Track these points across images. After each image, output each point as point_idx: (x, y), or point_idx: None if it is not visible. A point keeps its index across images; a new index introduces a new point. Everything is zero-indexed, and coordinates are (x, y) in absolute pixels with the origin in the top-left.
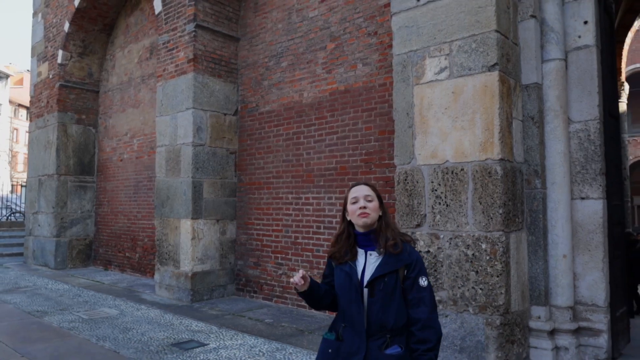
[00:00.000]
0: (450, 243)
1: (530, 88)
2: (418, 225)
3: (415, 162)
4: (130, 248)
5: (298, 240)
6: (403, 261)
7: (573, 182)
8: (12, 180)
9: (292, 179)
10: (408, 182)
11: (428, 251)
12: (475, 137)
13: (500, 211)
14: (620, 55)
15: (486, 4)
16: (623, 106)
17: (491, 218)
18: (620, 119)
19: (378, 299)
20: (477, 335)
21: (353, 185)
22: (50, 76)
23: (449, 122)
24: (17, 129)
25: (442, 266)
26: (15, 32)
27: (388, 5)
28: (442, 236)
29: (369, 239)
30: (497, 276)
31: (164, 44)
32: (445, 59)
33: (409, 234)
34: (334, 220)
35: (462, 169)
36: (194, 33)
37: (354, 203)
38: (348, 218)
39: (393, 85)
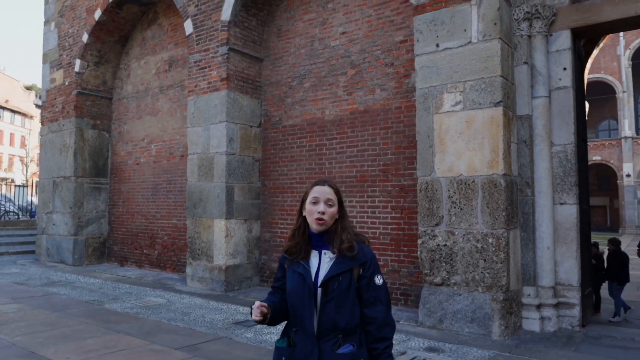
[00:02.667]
0: (463, 238)
1: (523, 118)
2: (437, 224)
3: (435, 174)
4: (149, 245)
5: None
6: (358, 260)
7: (555, 191)
8: None
9: None
10: (429, 190)
11: (445, 244)
12: (484, 157)
13: (503, 214)
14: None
15: (493, 54)
16: None
17: (496, 219)
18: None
19: (332, 299)
20: (484, 309)
21: (316, 183)
22: (67, 83)
23: (462, 144)
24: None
25: (456, 256)
26: None
27: (404, 41)
28: (457, 233)
29: (322, 238)
30: (501, 263)
31: (195, 62)
32: (460, 94)
33: (429, 232)
34: (355, 220)
35: (473, 181)
36: (227, 55)
37: (313, 203)
38: (304, 214)
39: (416, 112)
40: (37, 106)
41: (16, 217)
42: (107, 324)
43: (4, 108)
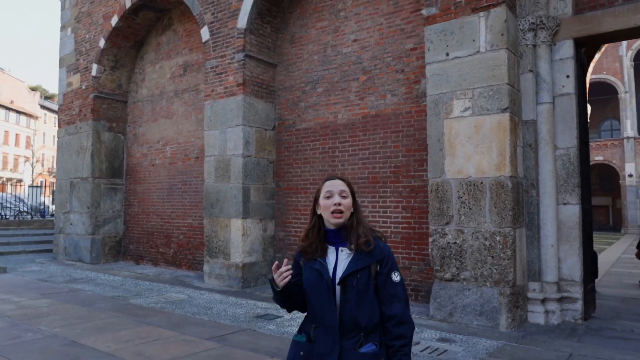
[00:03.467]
0: (472, 236)
1: (528, 123)
2: (447, 223)
3: (445, 176)
4: (164, 244)
5: None
6: (375, 257)
7: (558, 192)
8: None
9: None
10: (439, 191)
11: (455, 242)
12: (492, 160)
13: (510, 213)
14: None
15: (500, 63)
16: None
17: (503, 218)
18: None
19: (351, 296)
20: (492, 302)
21: (327, 179)
22: (83, 87)
23: (471, 148)
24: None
25: (466, 253)
26: None
27: (414, 49)
28: (466, 231)
29: (339, 235)
30: (508, 259)
31: (212, 68)
32: (469, 101)
33: (439, 230)
34: (366, 218)
35: (481, 182)
36: (243, 61)
37: (327, 198)
38: (318, 212)
39: (426, 117)
40: (42, 107)
41: (29, 217)
42: (136, 317)
43: (9, 109)
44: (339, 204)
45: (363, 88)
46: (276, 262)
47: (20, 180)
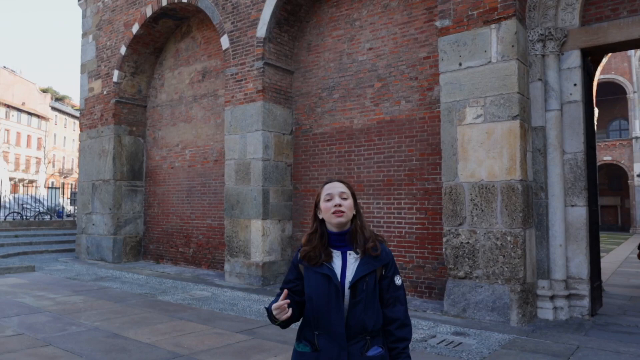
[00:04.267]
0: (484, 236)
1: (537, 129)
2: (460, 224)
3: (458, 180)
4: (184, 244)
5: None
6: (382, 261)
7: (566, 195)
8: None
9: None
10: (452, 194)
11: (468, 242)
12: (503, 164)
13: (520, 215)
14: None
15: (511, 73)
16: None
17: (514, 219)
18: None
19: (360, 300)
20: (504, 299)
21: (327, 182)
22: (105, 92)
23: (483, 153)
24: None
25: (478, 252)
26: None
27: (428, 57)
28: (478, 232)
29: (343, 238)
30: (518, 258)
31: (232, 75)
32: (481, 108)
33: (453, 230)
34: (382, 220)
35: (493, 186)
36: (262, 69)
37: (327, 200)
38: (320, 216)
39: (440, 123)
40: (53, 108)
41: (49, 217)
42: (167, 312)
43: (21, 110)
44: (340, 205)
45: (378, 95)
46: (277, 304)
47: (32, 181)
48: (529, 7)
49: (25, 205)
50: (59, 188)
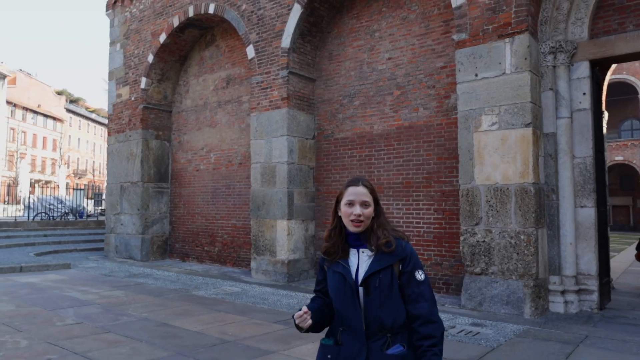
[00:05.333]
0: (499, 235)
1: (549, 135)
2: (476, 224)
3: (475, 182)
4: (209, 243)
5: None
6: (397, 256)
7: (576, 196)
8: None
9: None
10: (469, 196)
11: (484, 241)
12: (517, 168)
13: (533, 215)
14: None
15: (524, 84)
16: None
17: (527, 219)
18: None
19: (374, 297)
20: (517, 293)
21: (350, 184)
22: (133, 98)
23: (498, 158)
24: (13, 129)
25: (493, 250)
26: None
27: (444, 67)
28: (493, 231)
29: (359, 237)
30: (531, 256)
31: (257, 83)
32: (496, 116)
33: (470, 230)
34: (401, 220)
35: (507, 188)
36: (287, 77)
37: (349, 205)
38: (340, 214)
39: (457, 129)
40: (68, 110)
41: (74, 218)
42: (204, 305)
43: (37, 113)
44: (360, 215)
45: (397, 102)
46: (299, 312)
47: (48, 182)
48: (540, 21)
49: (49, 206)
50: (83, 189)
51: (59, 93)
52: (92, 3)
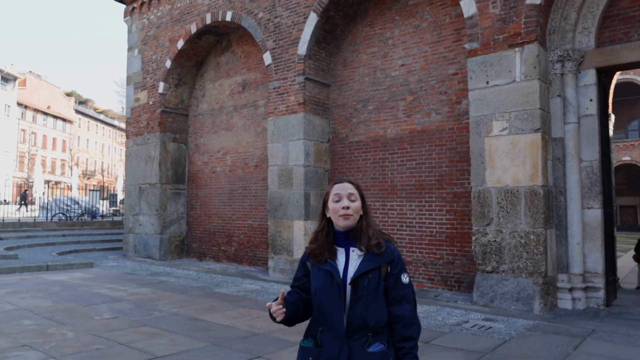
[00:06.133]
0: (509, 235)
1: (557, 140)
2: (488, 225)
3: (486, 185)
4: (226, 243)
5: None
6: (386, 258)
7: (583, 198)
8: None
9: (379, 191)
10: (481, 198)
11: (495, 240)
12: (526, 172)
13: (542, 216)
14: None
15: (533, 91)
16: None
17: (536, 220)
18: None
19: (362, 297)
20: (527, 290)
21: (336, 182)
22: (151, 103)
23: (508, 161)
24: (24, 130)
25: (504, 249)
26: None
27: (456, 74)
28: (504, 231)
29: (348, 236)
30: (540, 255)
31: (274, 88)
32: (506, 122)
33: (481, 230)
34: (414, 220)
35: (517, 190)
36: (303, 83)
37: (336, 201)
38: (328, 215)
39: (468, 134)
40: (77, 111)
41: (90, 218)
42: (228, 302)
43: (47, 114)
44: (347, 207)
45: (410, 107)
46: (273, 303)
47: (57, 182)
48: (549, 30)
49: (64, 207)
50: (99, 190)
51: (69, 94)
52: (100, 3)
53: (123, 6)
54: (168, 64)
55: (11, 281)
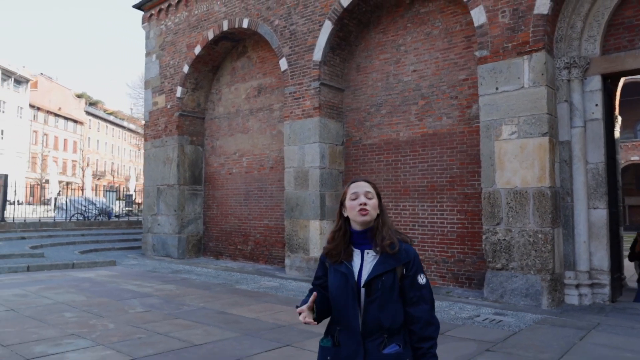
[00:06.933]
0: (518, 234)
1: (564, 143)
2: (497, 224)
3: (496, 186)
4: (242, 242)
5: None
6: (401, 260)
7: (589, 199)
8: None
9: (392, 192)
10: (491, 198)
11: (504, 239)
12: (534, 174)
13: (550, 216)
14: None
15: (541, 97)
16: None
17: (544, 220)
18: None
19: (375, 299)
20: (536, 287)
21: (353, 181)
22: (169, 106)
23: (517, 164)
24: (36, 132)
25: (513, 247)
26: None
27: (466, 79)
28: (513, 230)
29: (365, 237)
30: (548, 252)
31: (290, 93)
32: (515, 126)
33: (491, 229)
34: (426, 220)
35: (526, 191)
36: (318, 89)
37: (353, 199)
38: (345, 214)
39: (479, 137)
40: (87, 113)
41: (106, 218)
42: (251, 297)
43: (58, 115)
44: (365, 204)
45: (422, 111)
46: (302, 306)
47: (69, 183)
48: (556, 39)
49: (81, 207)
50: (115, 191)
51: (79, 96)
52: (110, 4)
53: (135, 10)
54: (186, 69)
55: (42, 278)
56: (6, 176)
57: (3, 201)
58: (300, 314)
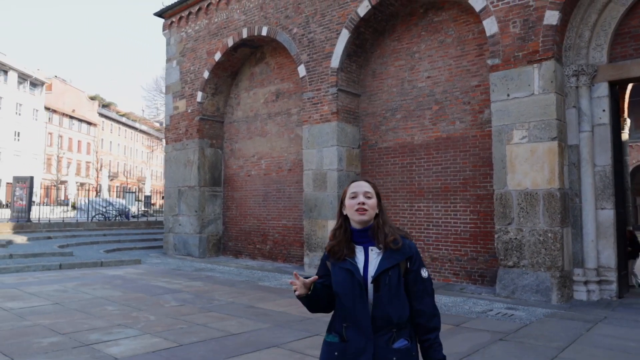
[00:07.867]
0: (529, 233)
1: (572, 147)
2: (509, 224)
3: (507, 188)
4: (261, 241)
5: (412, 234)
6: (405, 254)
7: (597, 200)
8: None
9: (407, 193)
10: (502, 199)
11: (515, 238)
12: (544, 176)
13: (559, 216)
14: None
15: (550, 103)
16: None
17: (554, 220)
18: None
19: (384, 294)
20: (546, 283)
21: (353, 181)
22: (189, 111)
23: (528, 167)
24: (51, 133)
25: (524, 246)
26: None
27: (478, 85)
28: (524, 230)
29: (365, 235)
30: (557, 251)
31: (308, 98)
32: (526, 131)
33: (503, 229)
34: (440, 220)
35: (536, 193)
36: (336, 94)
37: (352, 198)
38: (345, 212)
39: (490, 141)
40: (100, 115)
41: (126, 219)
42: (275, 293)
43: (72, 117)
44: (363, 203)
45: (436, 116)
46: (294, 272)
47: (83, 184)
48: (565, 47)
49: (100, 208)
50: (134, 192)
51: (92, 98)
52: (122, 6)
53: (147, 12)
54: (206, 74)
55: (75, 275)
56: (32, 178)
57: (29, 202)
58: (297, 278)
